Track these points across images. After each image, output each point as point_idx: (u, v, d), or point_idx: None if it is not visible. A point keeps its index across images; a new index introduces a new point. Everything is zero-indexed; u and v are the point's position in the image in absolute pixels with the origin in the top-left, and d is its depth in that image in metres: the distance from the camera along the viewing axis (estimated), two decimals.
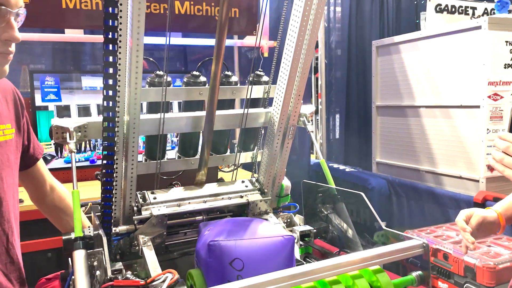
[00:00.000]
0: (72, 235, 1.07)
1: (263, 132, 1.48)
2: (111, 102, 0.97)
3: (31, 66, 2.98)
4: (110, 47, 0.90)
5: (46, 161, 2.74)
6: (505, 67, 2.51)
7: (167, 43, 1.30)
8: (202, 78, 1.34)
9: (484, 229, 1.18)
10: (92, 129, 1.15)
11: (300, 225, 1.43)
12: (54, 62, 3.07)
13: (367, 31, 4.00)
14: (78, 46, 3.07)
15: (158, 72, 1.28)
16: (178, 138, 2.76)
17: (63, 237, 1.11)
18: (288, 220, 1.48)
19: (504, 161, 0.95)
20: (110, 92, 0.95)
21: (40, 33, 2.83)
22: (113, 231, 1.19)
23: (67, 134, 1.11)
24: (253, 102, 1.43)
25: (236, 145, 1.55)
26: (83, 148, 2.87)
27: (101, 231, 1.06)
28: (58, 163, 2.79)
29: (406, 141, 3.18)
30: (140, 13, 0.96)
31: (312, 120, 1.48)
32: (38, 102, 2.76)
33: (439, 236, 2.29)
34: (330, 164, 3.66)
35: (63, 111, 2.88)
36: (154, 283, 0.86)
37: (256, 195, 1.38)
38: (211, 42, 3.14)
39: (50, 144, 2.80)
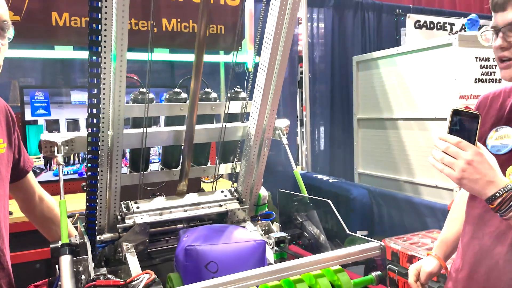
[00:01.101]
0: (60, 244, 1.15)
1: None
2: (95, 119, 1.06)
3: (21, 81, 3.06)
4: (95, 70, 0.99)
5: (36, 174, 2.79)
6: (475, 82, 2.65)
7: (149, 59, 1.37)
8: (184, 95, 1.44)
9: (432, 277, 1.37)
10: (78, 143, 1.23)
11: (276, 232, 1.51)
12: (44, 77, 3.15)
13: (350, 46, 4.15)
14: (67, 62, 3.16)
15: (141, 89, 1.37)
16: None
17: (51, 245, 1.19)
18: (266, 228, 1.57)
19: (444, 160, 1.01)
20: (95, 110, 1.04)
21: (31, 49, 2.92)
22: (98, 239, 1.27)
23: (55, 148, 1.20)
24: (233, 117, 1.53)
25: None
26: (71, 161, 2.95)
27: (85, 238, 1.14)
28: (47, 176, 2.85)
29: (386, 152, 3.30)
30: (123, 33, 1.05)
31: (287, 133, 1.58)
32: (28, 116, 2.83)
33: (415, 243, 2.39)
34: (314, 175, 3.76)
35: (53, 125, 2.95)
36: (133, 283, 0.94)
37: (234, 204, 1.46)
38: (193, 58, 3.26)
39: (39, 158, 2.86)
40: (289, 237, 1.44)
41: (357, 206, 3.17)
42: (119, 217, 1.30)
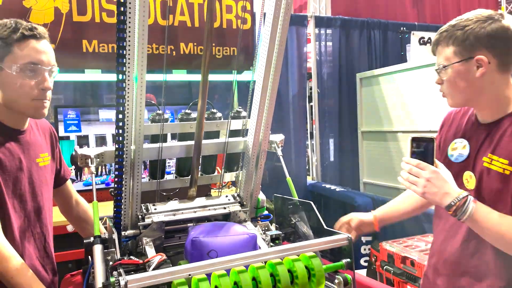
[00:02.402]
0: (92, 239, 1.42)
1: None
2: (120, 138, 1.35)
3: (56, 101, 3.42)
4: (121, 100, 1.28)
5: None
6: None
7: (164, 82, 1.65)
8: (193, 115, 1.71)
9: (362, 229, 1.72)
10: (107, 156, 1.52)
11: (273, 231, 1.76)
12: (75, 97, 3.51)
13: (356, 63, 4.39)
14: (96, 84, 3.51)
15: (158, 111, 1.66)
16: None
17: (85, 241, 1.46)
18: (266, 227, 1.81)
19: (409, 179, 1.27)
20: (120, 131, 1.33)
21: (64, 73, 3.28)
22: (123, 234, 1.55)
23: (89, 160, 1.49)
24: (236, 133, 1.80)
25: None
26: (99, 173, 3.28)
27: (113, 229, 1.42)
28: (78, 186, 3.17)
29: (387, 162, 3.51)
30: (143, 56, 1.32)
31: (282, 146, 1.84)
32: (61, 132, 3.18)
33: (409, 246, 2.60)
34: (323, 185, 3.99)
35: (83, 140, 3.29)
36: (149, 263, 1.21)
37: (236, 207, 1.72)
38: (211, 77, 3.57)
39: (71, 169, 3.19)
40: (283, 235, 1.69)
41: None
42: (140, 216, 1.57)
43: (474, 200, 1.23)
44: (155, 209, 1.61)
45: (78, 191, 2.99)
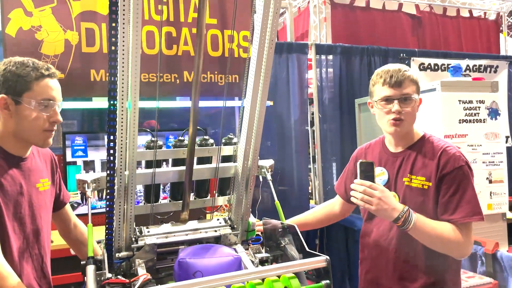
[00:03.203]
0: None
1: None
2: (112, 164, 1.44)
3: (64, 128, 3.57)
4: (112, 129, 1.38)
5: (73, 208, 3.22)
6: (459, 122, 2.90)
7: (157, 112, 1.76)
8: (187, 141, 1.81)
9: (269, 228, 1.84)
10: (103, 181, 1.61)
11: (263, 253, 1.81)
12: (83, 124, 3.65)
13: (357, 88, 4.47)
14: (103, 111, 3.65)
15: (152, 138, 1.75)
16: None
17: (82, 263, 1.54)
18: (257, 250, 1.87)
19: (364, 199, 1.46)
20: (112, 158, 1.43)
21: (72, 101, 3.43)
22: (116, 256, 1.62)
23: (86, 185, 1.58)
24: (228, 158, 1.88)
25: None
26: (103, 196, 3.37)
27: (104, 251, 1.49)
28: (83, 209, 3.27)
29: None
30: (136, 84, 1.41)
31: (271, 171, 1.91)
32: (69, 158, 3.30)
33: None
34: None
35: (89, 165, 3.40)
36: (134, 282, 1.27)
37: (227, 230, 1.78)
38: (213, 103, 3.68)
39: (77, 193, 3.30)
40: (271, 257, 1.74)
41: None
42: (133, 239, 1.64)
43: (414, 211, 1.49)
44: (148, 231, 1.69)
45: (84, 214, 3.12)
